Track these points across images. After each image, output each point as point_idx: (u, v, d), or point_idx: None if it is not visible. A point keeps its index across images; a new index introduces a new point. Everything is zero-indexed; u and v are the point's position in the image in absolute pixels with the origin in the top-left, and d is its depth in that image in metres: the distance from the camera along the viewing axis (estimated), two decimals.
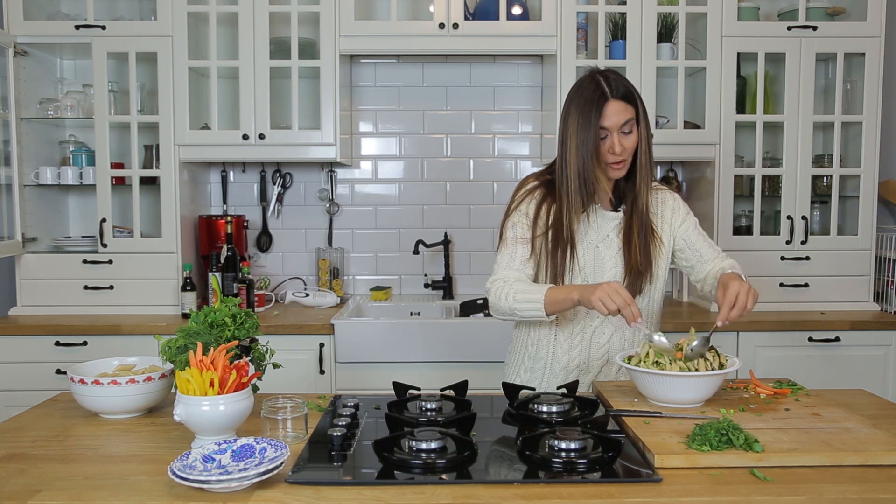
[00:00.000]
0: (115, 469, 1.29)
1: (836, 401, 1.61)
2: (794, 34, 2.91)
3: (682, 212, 1.91)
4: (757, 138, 2.97)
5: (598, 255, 1.84)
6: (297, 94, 2.94)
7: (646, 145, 1.77)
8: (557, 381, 1.88)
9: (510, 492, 1.16)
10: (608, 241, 1.84)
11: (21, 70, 2.92)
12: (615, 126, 1.72)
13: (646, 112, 1.77)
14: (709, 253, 1.90)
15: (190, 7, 2.88)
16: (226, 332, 1.54)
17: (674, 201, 1.91)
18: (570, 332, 1.87)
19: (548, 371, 1.91)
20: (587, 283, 1.81)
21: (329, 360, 2.75)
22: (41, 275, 2.94)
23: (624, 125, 1.72)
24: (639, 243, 1.81)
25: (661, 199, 1.90)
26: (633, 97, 1.74)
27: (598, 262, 1.84)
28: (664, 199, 1.91)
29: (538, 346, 1.91)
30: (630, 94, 1.73)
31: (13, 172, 2.86)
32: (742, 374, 2.53)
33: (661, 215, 1.89)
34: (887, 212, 3.21)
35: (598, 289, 1.61)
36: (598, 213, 1.84)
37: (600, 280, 1.82)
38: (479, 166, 3.38)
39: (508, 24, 2.91)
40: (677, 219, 1.90)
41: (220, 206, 3.36)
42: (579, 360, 1.88)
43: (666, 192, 1.92)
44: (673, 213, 1.90)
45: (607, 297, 1.58)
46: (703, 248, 1.90)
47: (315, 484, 1.20)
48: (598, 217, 1.84)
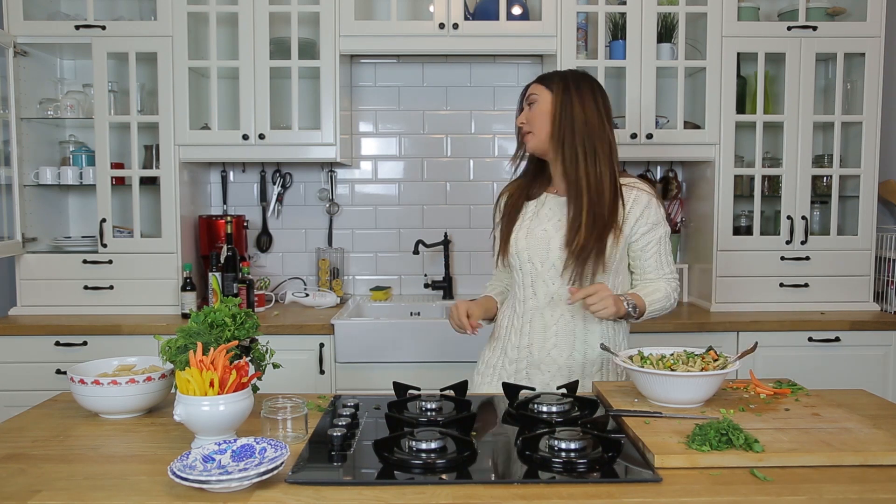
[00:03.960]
0: (115, 469, 1.29)
1: (836, 401, 1.61)
2: (794, 34, 2.91)
3: (651, 221, 1.88)
4: (757, 138, 2.97)
5: (546, 238, 1.89)
6: (297, 94, 2.94)
7: (570, 127, 1.83)
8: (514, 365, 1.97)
9: (510, 492, 1.16)
10: (557, 226, 1.89)
11: (21, 70, 2.92)
12: (525, 101, 1.92)
13: (572, 95, 1.84)
14: (652, 272, 1.90)
15: (190, 7, 2.88)
16: (226, 332, 1.54)
17: (646, 207, 1.87)
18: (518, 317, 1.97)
19: (505, 355, 2.00)
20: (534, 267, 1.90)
21: (329, 360, 2.75)
22: (41, 275, 2.94)
23: (529, 97, 1.91)
24: (585, 230, 1.82)
25: (635, 198, 1.88)
26: (551, 80, 1.89)
27: (543, 246, 1.89)
28: (638, 198, 1.88)
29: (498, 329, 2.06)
30: (549, 77, 1.90)
31: (13, 172, 2.86)
32: (742, 374, 2.53)
33: (630, 210, 1.87)
34: (887, 212, 3.21)
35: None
36: (549, 200, 1.95)
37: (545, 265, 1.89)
38: (479, 166, 3.38)
39: (508, 24, 2.91)
40: (642, 225, 1.87)
41: (220, 206, 3.36)
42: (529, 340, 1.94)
43: (642, 194, 1.88)
44: (639, 218, 1.87)
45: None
46: (648, 266, 1.89)
47: (315, 484, 1.20)
48: (548, 203, 1.94)
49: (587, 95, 1.86)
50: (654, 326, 2.72)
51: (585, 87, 1.88)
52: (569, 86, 1.86)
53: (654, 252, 1.89)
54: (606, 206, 1.83)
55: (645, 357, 1.63)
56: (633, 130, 2.92)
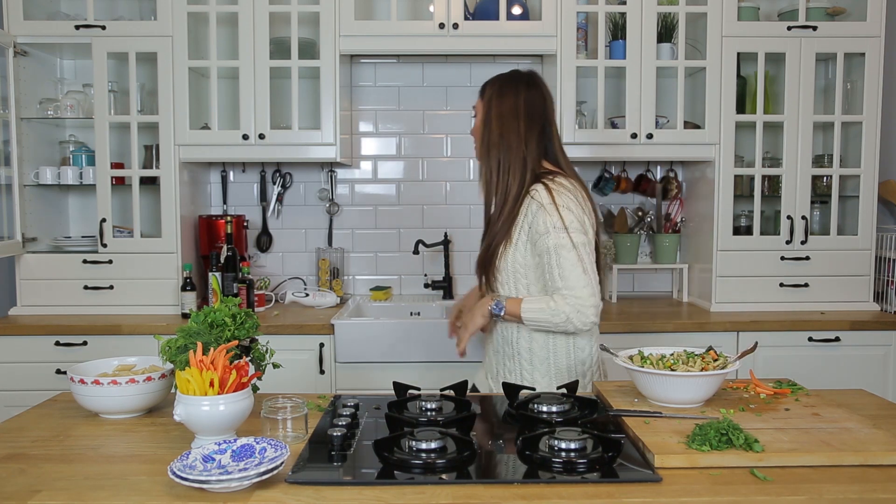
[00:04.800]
0: (115, 469, 1.29)
1: (836, 401, 1.61)
2: (794, 34, 2.91)
3: (538, 230, 1.79)
4: (757, 138, 2.97)
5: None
6: (297, 94, 2.94)
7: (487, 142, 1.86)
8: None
9: (510, 492, 1.16)
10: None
11: (21, 70, 2.92)
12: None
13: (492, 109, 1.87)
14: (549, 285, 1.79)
15: (190, 7, 2.88)
16: (226, 332, 1.54)
17: (534, 215, 1.80)
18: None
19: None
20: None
21: (329, 360, 2.75)
22: (41, 275, 2.94)
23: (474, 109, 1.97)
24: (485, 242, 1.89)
25: (527, 206, 1.81)
26: (483, 91, 1.92)
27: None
28: (529, 206, 1.81)
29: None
30: (483, 87, 1.93)
31: (13, 172, 2.86)
32: (742, 374, 2.53)
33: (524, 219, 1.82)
34: (887, 212, 3.21)
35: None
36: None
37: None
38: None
39: (508, 24, 2.91)
40: (533, 234, 1.81)
41: (220, 206, 3.36)
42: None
43: (533, 202, 1.80)
44: (530, 226, 1.81)
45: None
46: (547, 277, 1.79)
47: (315, 484, 1.20)
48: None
49: (507, 103, 1.85)
50: (654, 326, 2.72)
51: (508, 95, 1.86)
52: (492, 98, 1.88)
53: (546, 263, 1.78)
54: (504, 219, 1.83)
55: (645, 357, 1.63)
56: (633, 130, 2.92)
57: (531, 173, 1.83)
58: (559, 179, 1.82)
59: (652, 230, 3.32)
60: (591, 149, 2.95)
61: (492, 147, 1.85)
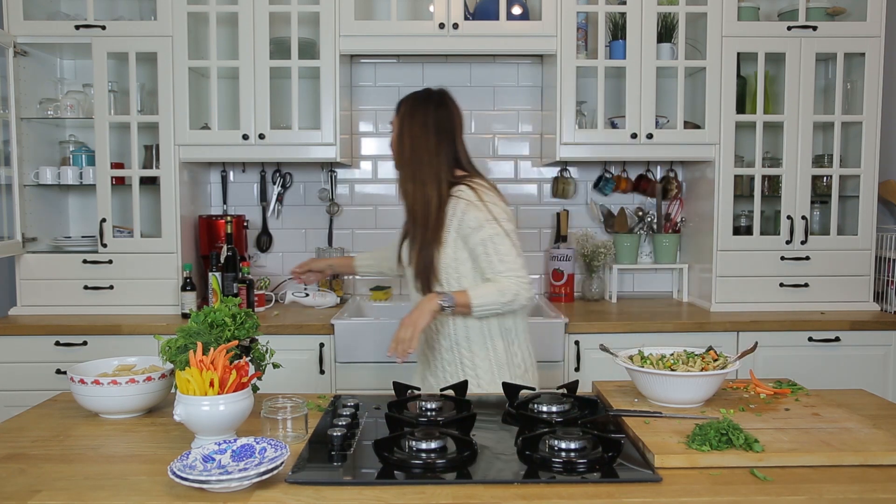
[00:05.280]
0: (115, 469, 1.29)
1: (836, 401, 1.61)
2: (794, 34, 2.91)
3: (470, 225, 1.93)
4: (757, 138, 2.97)
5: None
6: (297, 94, 2.94)
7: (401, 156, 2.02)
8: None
9: (510, 492, 1.16)
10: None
11: (21, 70, 2.92)
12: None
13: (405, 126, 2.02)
14: (489, 272, 1.93)
15: (190, 7, 2.88)
16: (226, 332, 1.54)
17: (463, 213, 1.94)
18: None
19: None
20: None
21: (329, 360, 2.75)
22: (41, 275, 2.94)
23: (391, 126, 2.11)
24: (417, 249, 2.00)
25: (453, 206, 1.96)
26: (398, 109, 2.06)
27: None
28: (456, 205, 1.95)
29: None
30: (398, 105, 2.07)
31: (13, 172, 2.86)
32: (742, 374, 2.53)
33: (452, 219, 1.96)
34: (887, 212, 3.21)
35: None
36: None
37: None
38: (479, 166, 3.33)
39: (508, 24, 2.91)
40: (464, 230, 1.95)
41: (220, 206, 3.36)
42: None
43: (459, 202, 1.95)
44: (460, 225, 1.95)
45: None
46: (485, 266, 1.93)
47: (315, 484, 1.20)
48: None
49: (418, 121, 2.01)
50: (654, 326, 2.72)
51: (419, 113, 2.02)
52: (405, 116, 2.03)
53: (483, 252, 1.92)
54: (431, 226, 1.97)
55: (645, 357, 1.63)
56: (633, 130, 2.92)
57: (445, 182, 1.99)
58: (477, 180, 2.01)
59: (652, 230, 3.32)
60: (591, 149, 2.95)
61: (406, 161, 2.01)
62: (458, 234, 1.95)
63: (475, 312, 1.90)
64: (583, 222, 3.40)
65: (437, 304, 1.89)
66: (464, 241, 1.95)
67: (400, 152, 2.03)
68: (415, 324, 1.87)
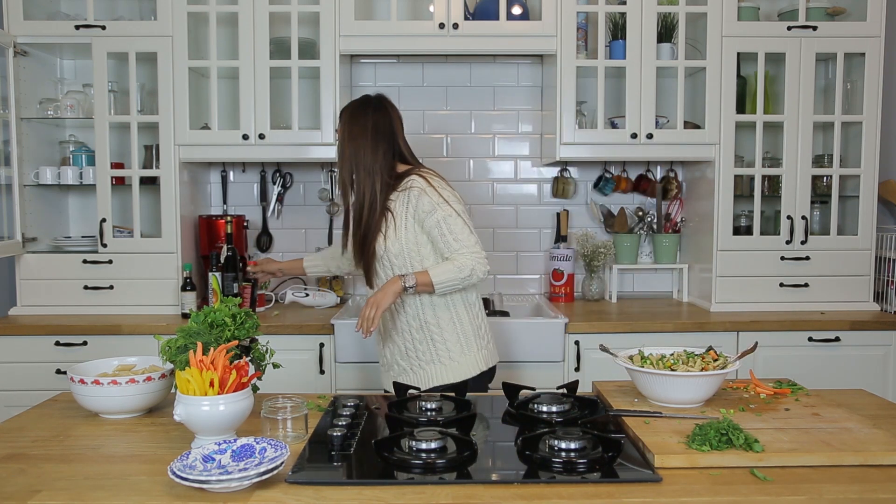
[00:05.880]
0: (115, 469, 1.29)
1: (836, 401, 1.61)
2: (794, 34, 2.91)
3: (424, 209, 2.07)
4: (757, 138, 2.97)
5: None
6: (297, 94, 2.94)
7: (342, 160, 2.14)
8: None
9: (510, 492, 1.16)
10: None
11: (21, 70, 2.92)
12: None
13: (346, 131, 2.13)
14: (446, 251, 2.07)
15: (190, 7, 2.88)
16: (226, 332, 1.54)
17: (417, 199, 2.07)
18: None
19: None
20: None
21: (329, 360, 2.75)
22: (41, 275, 2.94)
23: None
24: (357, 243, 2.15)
25: (407, 194, 2.08)
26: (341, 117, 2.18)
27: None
28: (410, 194, 2.08)
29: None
30: (341, 113, 2.19)
31: (13, 172, 2.86)
32: (742, 374, 2.53)
33: (407, 206, 2.08)
34: (887, 212, 3.21)
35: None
36: None
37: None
38: (479, 166, 3.39)
39: (508, 24, 2.91)
40: (420, 214, 2.08)
41: (220, 206, 3.36)
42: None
43: (413, 190, 2.08)
44: (415, 211, 2.08)
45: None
46: (442, 247, 2.07)
47: (315, 484, 1.20)
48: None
49: (358, 125, 2.12)
50: (654, 326, 2.72)
51: (358, 118, 2.13)
52: (346, 122, 2.15)
53: (439, 234, 2.06)
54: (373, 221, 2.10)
55: (645, 357, 1.63)
56: (633, 130, 2.92)
57: (382, 177, 2.11)
58: (425, 170, 2.15)
59: (652, 230, 3.32)
60: (591, 149, 2.95)
61: (346, 161, 2.13)
62: (415, 220, 2.08)
63: (437, 289, 2.04)
64: (583, 222, 3.40)
65: (400, 284, 2.03)
66: (420, 225, 2.08)
67: (342, 154, 2.15)
68: (378, 303, 2.02)
